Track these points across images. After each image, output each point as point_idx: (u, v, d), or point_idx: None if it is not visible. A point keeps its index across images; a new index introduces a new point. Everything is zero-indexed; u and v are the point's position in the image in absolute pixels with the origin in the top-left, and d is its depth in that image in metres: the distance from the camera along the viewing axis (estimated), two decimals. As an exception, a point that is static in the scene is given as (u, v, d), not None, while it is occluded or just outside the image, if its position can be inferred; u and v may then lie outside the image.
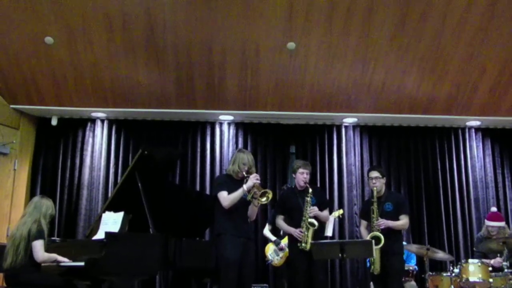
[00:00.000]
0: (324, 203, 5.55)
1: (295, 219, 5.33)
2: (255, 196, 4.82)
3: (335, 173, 7.91)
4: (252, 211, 5.02)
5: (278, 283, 7.10)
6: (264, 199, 4.77)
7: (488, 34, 6.43)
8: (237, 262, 4.77)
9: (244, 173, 4.90)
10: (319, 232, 5.44)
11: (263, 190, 4.80)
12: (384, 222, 5.25)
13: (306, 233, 5.19)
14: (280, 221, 5.53)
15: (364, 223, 5.65)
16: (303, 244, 5.17)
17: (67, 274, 4.80)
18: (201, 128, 8.02)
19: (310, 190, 5.30)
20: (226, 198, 4.84)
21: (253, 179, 4.81)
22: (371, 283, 5.94)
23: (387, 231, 5.25)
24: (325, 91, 7.25)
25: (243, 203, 4.92)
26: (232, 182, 4.95)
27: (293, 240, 5.32)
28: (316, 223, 5.22)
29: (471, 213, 7.78)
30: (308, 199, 5.27)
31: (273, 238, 6.67)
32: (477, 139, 8.08)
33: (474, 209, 7.77)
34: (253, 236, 5.19)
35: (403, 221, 5.39)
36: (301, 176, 5.40)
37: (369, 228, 5.48)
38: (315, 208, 5.27)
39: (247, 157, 4.99)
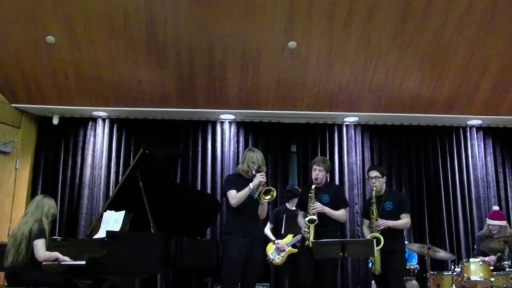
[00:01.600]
0: (339, 202, 5.39)
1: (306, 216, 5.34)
2: (260, 194, 4.83)
3: (336, 172, 7.91)
4: (262, 210, 5.04)
5: (279, 282, 7.11)
6: (268, 197, 4.78)
7: (490, 33, 6.43)
8: (242, 262, 4.79)
9: (253, 171, 4.92)
10: (335, 231, 5.35)
11: (266, 188, 4.81)
12: (383, 223, 5.20)
13: (307, 230, 5.17)
14: (300, 218, 5.49)
15: (366, 222, 5.61)
16: (306, 241, 5.15)
17: (68, 273, 4.81)
18: (202, 127, 8.02)
19: (313, 187, 5.27)
20: (233, 196, 4.89)
21: (259, 177, 4.83)
22: (373, 282, 5.93)
23: (387, 231, 5.20)
24: (326, 90, 7.24)
25: (252, 202, 4.93)
26: (242, 181, 4.98)
27: (304, 237, 5.32)
28: (315, 218, 5.12)
29: (473, 212, 7.78)
30: (311, 195, 5.23)
31: (272, 238, 6.69)
32: (479, 138, 8.08)
33: (476, 208, 7.77)
34: (261, 236, 5.18)
35: (403, 221, 5.34)
36: (313, 173, 5.35)
37: (370, 227, 5.46)
38: (318, 205, 5.20)
39: (256, 156, 5.01)
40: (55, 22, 6.34)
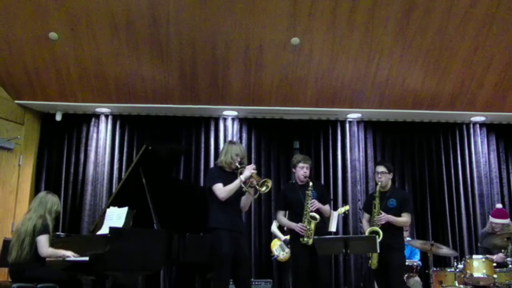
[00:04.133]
0: (325, 197, 5.51)
1: (297, 214, 5.29)
2: (252, 185, 4.73)
3: (339, 168, 7.91)
4: (246, 202, 4.93)
5: (283, 278, 7.11)
6: (264, 188, 4.67)
7: (493, 29, 6.40)
8: (231, 258, 4.71)
9: (237, 164, 4.81)
10: (322, 227, 5.39)
11: (262, 180, 4.70)
12: (385, 217, 5.21)
13: (308, 227, 5.16)
14: (281, 216, 5.48)
15: (366, 215, 5.62)
16: (305, 239, 5.12)
17: (72, 269, 4.82)
18: (205, 124, 8.02)
19: (311, 183, 5.24)
20: (222, 190, 4.73)
21: (250, 169, 4.71)
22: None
23: (387, 226, 5.21)
24: (329, 86, 7.23)
25: (236, 195, 4.82)
26: (225, 174, 4.85)
27: (295, 235, 5.28)
28: (317, 216, 5.16)
29: (476, 209, 7.77)
30: (309, 192, 5.21)
31: (282, 237, 6.67)
32: (482, 134, 8.07)
33: (479, 204, 7.77)
34: (245, 230, 5.07)
35: (404, 219, 5.35)
36: (301, 170, 5.33)
37: (371, 222, 5.46)
38: (316, 202, 5.22)
39: (239, 148, 4.92)
40: (57, 18, 6.34)
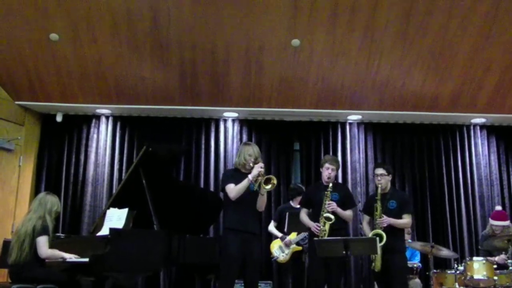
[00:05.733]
0: (348, 202, 5.44)
1: (316, 214, 5.30)
2: (260, 184, 4.74)
3: (339, 170, 7.88)
4: (261, 202, 4.92)
5: (283, 280, 7.10)
6: (269, 186, 4.68)
7: (493, 31, 6.40)
8: (239, 259, 4.71)
9: (251, 164, 4.82)
10: (343, 229, 5.36)
11: (267, 176, 4.70)
12: (387, 220, 5.21)
13: (322, 227, 5.15)
14: (303, 214, 5.48)
15: (366, 218, 5.61)
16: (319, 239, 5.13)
17: (71, 270, 4.82)
18: (205, 125, 8.02)
19: (330, 185, 5.25)
20: (232, 189, 4.76)
21: (258, 167, 4.72)
22: (375, 282, 5.92)
23: (388, 229, 5.21)
24: (329, 88, 7.23)
25: (251, 195, 4.83)
26: (239, 175, 4.87)
27: (312, 235, 5.28)
28: (332, 217, 5.13)
29: (476, 211, 7.77)
30: (328, 193, 5.22)
31: (279, 234, 6.65)
32: (482, 136, 8.07)
33: (479, 206, 7.76)
34: (259, 231, 5.06)
35: (406, 220, 5.35)
36: (326, 171, 5.34)
37: (371, 224, 5.45)
38: (333, 203, 5.20)
39: (252, 149, 4.93)
40: (58, 19, 6.34)
